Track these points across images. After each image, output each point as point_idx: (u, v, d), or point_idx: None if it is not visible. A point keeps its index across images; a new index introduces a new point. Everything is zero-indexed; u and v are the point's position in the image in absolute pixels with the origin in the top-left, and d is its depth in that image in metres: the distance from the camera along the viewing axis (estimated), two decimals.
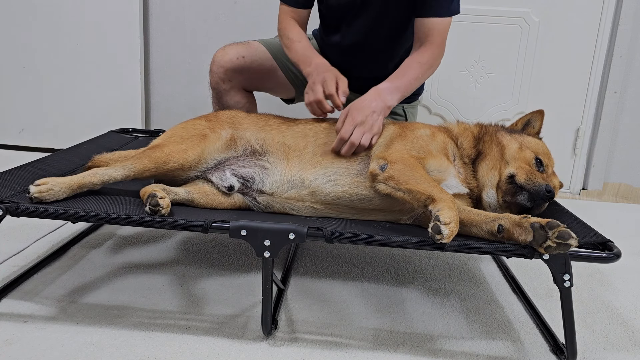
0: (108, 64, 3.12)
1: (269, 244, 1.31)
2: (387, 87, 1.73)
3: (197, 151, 1.58)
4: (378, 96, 1.69)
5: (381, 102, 1.68)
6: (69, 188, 1.43)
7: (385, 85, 1.74)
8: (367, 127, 1.60)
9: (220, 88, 2.11)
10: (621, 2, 2.85)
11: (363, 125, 1.60)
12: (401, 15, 1.94)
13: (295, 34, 1.92)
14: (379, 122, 1.64)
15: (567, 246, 1.21)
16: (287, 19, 1.98)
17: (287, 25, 1.95)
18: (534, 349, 1.46)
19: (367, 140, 1.59)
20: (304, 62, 1.83)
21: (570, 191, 3.16)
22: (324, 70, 1.76)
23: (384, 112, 1.68)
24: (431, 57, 1.84)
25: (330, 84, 1.69)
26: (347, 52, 2.10)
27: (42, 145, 3.25)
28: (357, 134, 1.59)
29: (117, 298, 1.57)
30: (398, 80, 1.77)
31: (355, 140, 1.58)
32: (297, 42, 1.89)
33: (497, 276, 1.91)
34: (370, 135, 1.60)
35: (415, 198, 1.36)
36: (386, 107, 1.69)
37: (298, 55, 1.87)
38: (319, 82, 1.71)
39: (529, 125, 1.71)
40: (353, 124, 1.60)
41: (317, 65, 1.78)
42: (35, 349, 1.31)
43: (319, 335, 1.45)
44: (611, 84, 2.95)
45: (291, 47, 1.90)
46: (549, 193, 1.47)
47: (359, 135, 1.58)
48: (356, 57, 2.10)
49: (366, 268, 1.90)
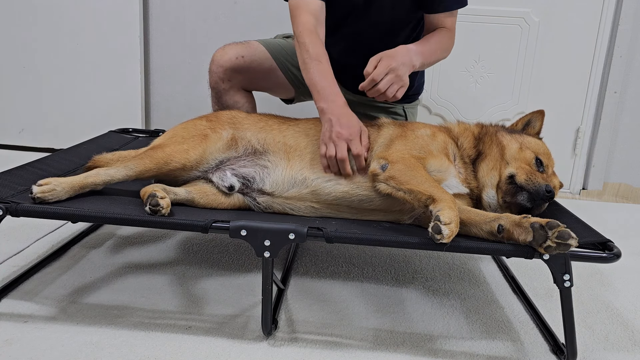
0: (108, 64, 3.12)
1: (269, 244, 1.31)
2: (414, 48, 1.75)
3: (199, 151, 1.58)
4: (407, 53, 1.71)
5: (409, 59, 1.70)
6: (72, 188, 1.43)
7: (413, 46, 1.76)
8: (397, 75, 1.62)
9: (219, 88, 2.11)
10: (621, 2, 2.85)
11: (394, 72, 1.62)
12: (404, 12, 1.95)
13: (316, 50, 1.68)
14: (406, 74, 1.67)
15: (567, 246, 1.21)
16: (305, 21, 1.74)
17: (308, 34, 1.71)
18: (534, 349, 1.46)
19: (393, 91, 1.62)
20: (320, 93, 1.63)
21: (570, 191, 3.16)
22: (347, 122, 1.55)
23: (410, 69, 1.70)
24: (448, 39, 1.90)
25: (357, 144, 1.53)
26: (349, 50, 2.10)
27: (42, 145, 3.25)
28: (386, 81, 1.62)
29: (117, 298, 1.57)
30: (422, 46, 1.80)
31: (383, 86, 1.61)
32: (317, 62, 1.66)
33: (497, 276, 1.91)
34: (397, 86, 1.63)
35: (416, 198, 1.36)
36: (412, 65, 1.71)
37: (314, 80, 1.66)
38: (344, 139, 1.52)
39: (529, 126, 1.71)
40: (387, 67, 1.62)
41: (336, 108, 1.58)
42: (35, 349, 1.31)
43: (319, 335, 1.45)
44: (611, 84, 2.95)
45: (309, 67, 1.67)
46: (549, 193, 1.47)
47: (387, 83, 1.62)
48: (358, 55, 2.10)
49: (366, 268, 1.90)
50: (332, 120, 1.57)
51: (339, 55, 2.10)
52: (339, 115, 1.57)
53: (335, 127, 1.55)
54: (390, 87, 1.63)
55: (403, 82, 1.66)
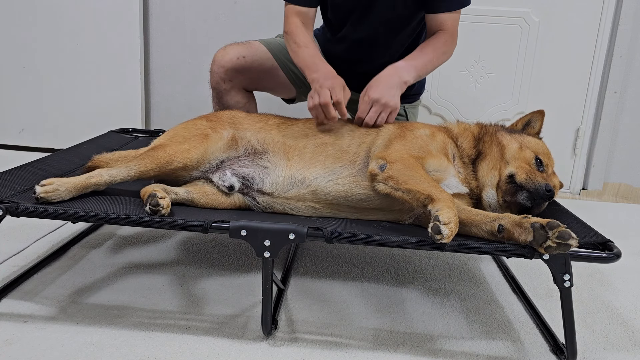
0: (108, 64, 3.12)
1: (269, 244, 1.31)
2: (404, 64, 1.77)
3: (200, 151, 1.58)
4: (395, 72, 1.73)
5: (397, 77, 1.72)
6: (74, 188, 1.43)
7: (402, 63, 1.78)
8: (382, 104, 1.65)
9: (220, 88, 2.11)
10: (621, 2, 2.85)
11: (378, 103, 1.65)
12: (407, 11, 1.95)
13: (302, 39, 1.88)
14: (395, 97, 1.68)
15: (567, 246, 1.21)
16: (294, 21, 1.93)
17: (295, 29, 1.91)
18: (534, 349, 1.46)
19: (383, 119, 1.65)
20: (310, 67, 1.80)
21: (570, 191, 3.16)
22: (332, 77, 1.74)
23: (401, 88, 1.71)
24: (444, 43, 1.89)
25: (338, 91, 1.67)
26: (352, 49, 2.10)
27: (42, 145, 3.25)
28: (373, 113, 1.65)
29: (117, 298, 1.57)
30: (414, 60, 1.81)
31: (370, 120, 1.65)
32: (305, 47, 1.86)
33: (497, 276, 1.91)
34: (385, 114, 1.66)
35: (414, 198, 1.36)
36: (402, 83, 1.73)
37: (305, 60, 1.84)
38: (327, 87, 1.68)
39: (529, 125, 1.71)
40: (370, 102, 1.66)
41: (324, 73, 1.76)
42: (35, 349, 1.31)
43: (319, 335, 1.45)
44: (611, 84, 2.95)
45: (298, 52, 1.87)
46: (549, 192, 1.47)
47: (374, 115, 1.65)
48: (362, 53, 2.10)
49: (366, 268, 1.90)
50: (319, 79, 1.72)
51: (343, 54, 2.12)
52: (325, 75, 1.73)
53: (320, 81, 1.71)
54: (379, 117, 1.67)
55: (391, 107, 1.68)
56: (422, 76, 1.84)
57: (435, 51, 1.86)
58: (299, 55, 1.86)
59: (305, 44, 1.86)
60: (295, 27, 1.91)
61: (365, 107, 1.67)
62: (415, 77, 1.79)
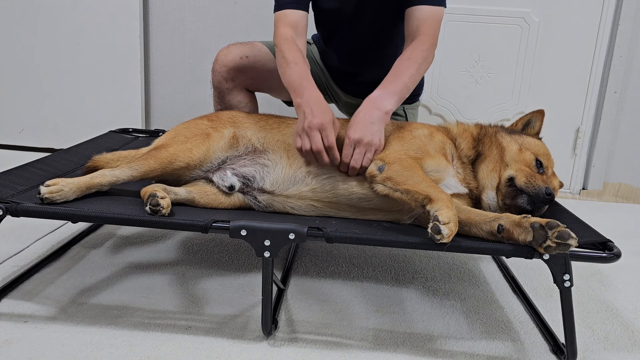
0: (108, 64, 3.12)
1: (269, 244, 1.31)
2: (380, 94, 1.64)
3: (202, 150, 1.58)
4: (372, 105, 1.60)
5: (377, 110, 1.59)
6: (79, 189, 1.43)
7: (378, 92, 1.64)
8: (365, 144, 1.53)
9: (222, 87, 2.12)
10: (621, 2, 2.85)
11: (361, 144, 1.53)
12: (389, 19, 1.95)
13: (292, 55, 1.73)
14: (378, 133, 1.56)
15: (566, 246, 1.21)
16: (284, 32, 1.81)
17: (284, 42, 1.78)
18: (534, 349, 1.46)
19: (368, 160, 1.53)
20: (296, 90, 1.66)
21: (570, 191, 3.16)
22: (319, 111, 1.57)
23: (383, 119, 1.59)
24: (423, 51, 1.74)
25: (329, 132, 1.54)
26: (346, 59, 2.11)
27: (42, 145, 3.25)
28: (357, 155, 1.53)
29: (117, 298, 1.57)
30: (392, 84, 1.67)
31: (355, 163, 1.52)
32: (294, 64, 1.71)
33: (497, 276, 1.91)
34: (371, 153, 1.54)
35: (413, 198, 1.36)
36: (384, 114, 1.60)
37: (291, 80, 1.70)
38: (316, 127, 1.54)
39: (529, 126, 1.70)
40: (352, 144, 1.54)
41: (309, 100, 1.60)
42: (35, 349, 1.31)
43: (319, 335, 1.45)
44: (611, 84, 2.95)
45: (285, 70, 1.72)
46: (549, 196, 1.46)
47: (359, 156, 1.53)
48: (356, 63, 2.11)
49: (366, 268, 1.90)
50: (305, 111, 1.58)
51: (337, 63, 2.13)
52: (312, 106, 1.58)
53: (308, 117, 1.55)
54: (364, 157, 1.54)
55: (375, 145, 1.55)
56: (406, 96, 1.70)
57: (413, 64, 1.71)
58: (286, 74, 1.72)
59: (295, 60, 1.72)
60: (285, 40, 1.78)
61: (349, 151, 1.54)
62: (397, 101, 1.65)
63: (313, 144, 1.53)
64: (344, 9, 1.97)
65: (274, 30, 1.86)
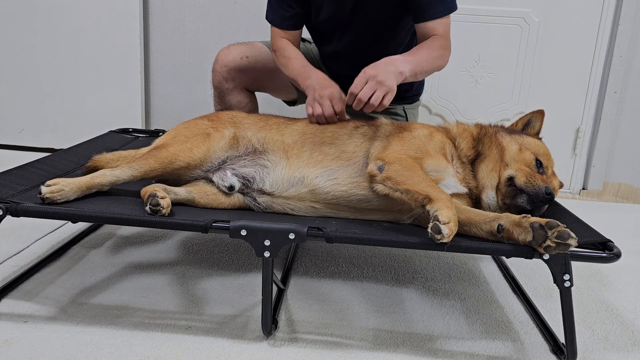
0: (108, 64, 3.12)
1: (269, 244, 1.31)
2: (399, 57, 1.73)
3: (203, 150, 1.58)
4: (391, 62, 1.68)
5: (393, 66, 1.66)
6: (79, 189, 1.43)
7: (398, 56, 1.74)
8: (378, 81, 1.57)
9: (223, 87, 2.12)
10: (621, 2, 2.85)
11: (374, 80, 1.58)
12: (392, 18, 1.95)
13: (292, 52, 1.89)
14: (393, 79, 1.62)
15: (566, 246, 1.21)
16: (280, 39, 1.96)
17: (282, 45, 1.93)
18: (534, 349, 1.46)
19: (378, 98, 1.56)
20: (303, 75, 1.79)
21: (570, 191, 3.16)
22: (327, 85, 1.71)
23: (396, 76, 1.65)
24: (440, 47, 1.84)
25: (337, 102, 1.66)
26: (345, 64, 2.12)
27: (42, 145, 3.25)
28: (367, 88, 1.58)
29: (117, 298, 1.57)
30: (409, 55, 1.77)
31: (364, 95, 1.56)
32: (294, 59, 1.86)
33: (497, 276, 1.91)
34: (381, 92, 1.56)
35: (412, 198, 1.36)
36: (398, 72, 1.66)
37: (296, 70, 1.83)
38: (326, 97, 1.66)
39: (529, 126, 1.70)
40: (365, 77, 1.60)
41: (317, 79, 1.73)
42: (35, 349, 1.31)
43: (319, 335, 1.45)
44: (611, 84, 2.95)
45: (287, 65, 1.87)
46: (549, 196, 1.46)
47: (369, 90, 1.57)
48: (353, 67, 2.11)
49: (366, 268, 1.90)
50: (315, 87, 1.71)
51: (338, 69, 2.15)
52: (320, 82, 1.72)
53: (318, 90, 1.69)
54: (374, 94, 1.57)
55: (387, 88, 1.59)
56: (417, 73, 1.77)
57: (430, 52, 1.81)
58: (289, 67, 1.86)
59: (295, 56, 1.88)
60: (283, 43, 1.93)
61: (360, 82, 1.59)
62: (411, 71, 1.71)
63: (325, 110, 1.64)
64: (340, 15, 1.97)
65: (271, 39, 2.01)
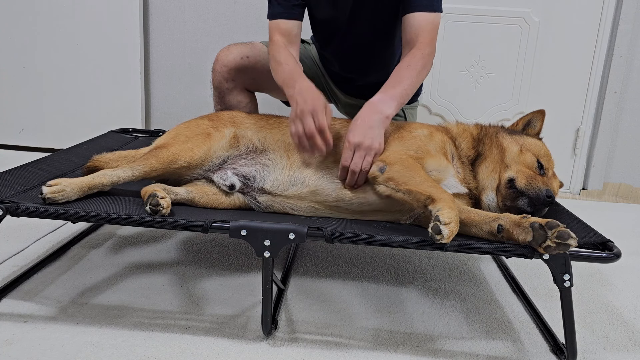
0: (108, 64, 3.13)
1: (269, 244, 1.31)
2: (381, 98, 1.62)
3: (203, 149, 1.58)
4: (373, 109, 1.59)
5: (377, 114, 1.57)
6: (80, 189, 1.43)
7: (379, 96, 1.63)
8: (365, 147, 1.51)
9: (223, 87, 2.12)
10: (621, 2, 2.85)
11: (361, 148, 1.51)
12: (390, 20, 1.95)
13: (283, 57, 1.78)
14: (378, 137, 1.54)
15: (566, 246, 1.21)
16: (276, 40, 1.86)
17: (275, 48, 1.84)
18: (534, 349, 1.46)
19: (368, 164, 1.51)
20: (288, 83, 1.69)
21: (570, 191, 3.16)
22: (311, 97, 1.58)
23: (383, 124, 1.57)
24: (422, 58, 1.73)
25: (320, 115, 1.54)
26: (345, 64, 2.11)
27: (42, 145, 3.26)
28: (357, 159, 1.51)
29: (117, 298, 1.57)
30: (392, 89, 1.66)
31: (355, 167, 1.50)
32: (284, 64, 1.75)
33: (497, 276, 1.91)
34: (370, 157, 1.51)
35: (415, 199, 1.36)
36: (384, 118, 1.58)
37: (283, 77, 1.73)
38: (308, 112, 1.55)
39: (529, 126, 1.70)
40: (352, 148, 1.52)
41: (301, 89, 1.62)
42: (35, 349, 1.31)
43: (319, 335, 1.45)
44: (611, 84, 2.95)
45: (277, 70, 1.78)
46: (550, 198, 1.46)
47: (359, 160, 1.51)
48: (355, 68, 2.11)
49: (366, 268, 1.90)
50: (297, 99, 1.59)
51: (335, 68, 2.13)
52: (303, 93, 1.60)
53: (300, 104, 1.57)
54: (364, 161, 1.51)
55: (375, 149, 1.52)
56: (405, 102, 1.69)
57: (413, 70, 1.70)
58: (278, 73, 1.77)
59: (285, 61, 1.77)
60: (276, 46, 1.84)
61: (348, 155, 1.52)
62: (397, 106, 1.62)
63: (305, 127, 1.53)
64: (339, 17, 1.97)
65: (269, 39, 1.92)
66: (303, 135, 1.54)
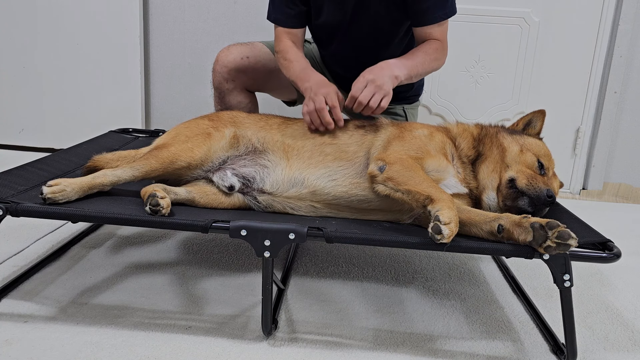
0: (108, 64, 3.12)
1: (269, 244, 1.31)
2: (395, 61, 1.76)
3: (203, 149, 1.58)
4: (387, 66, 1.73)
5: (389, 70, 1.71)
6: (81, 189, 1.43)
7: (393, 60, 1.77)
8: (377, 85, 1.64)
9: (223, 88, 2.12)
10: (621, 2, 2.85)
11: (373, 83, 1.65)
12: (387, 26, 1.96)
13: (293, 55, 1.90)
14: (389, 83, 1.68)
15: (566, 246, 1.21)
16: (284, 40, 1.96)
17: (285, 47, 1.93)
18: (534, 349, 1.46)
19: (376, 101, 1.64)
20: (302, 78, 1.81)
21: (570, 191, 3.16)
22: (324, 85, 1.73)
23: (392, 80, 1.70)
24: (436, 50, 1.87)
25: (332, 97, 1.68)
26: (345, 65, 2.12)
27: (42, 145, 3.25)
28: (367, 92, 1.64)
29: (117, 298, 1.57)
30: (405, 60, 1.80)
31: (364, 99, 1.64)
32: (295, 62, 1.88)
33: (497, 276, 1.91)
34: (379, 96, 1.65)
35: (414, 199, 1.36)
36: (394, 76, 1.71)
37: (296, 73, 1.85)
38: (321, 94, 1.68)
39: (529, 126, 1.70)
40: (364, 81, 1.66)
41: (316, 81, 1.75)
42: (35, 349, 1.31)
43: (319, 335, 1.45)
44: (611, 84, 2.95)
45: (289, 67, 1.88)
46: (550, 198, 1.46)
47: (368, 93, 1.64)
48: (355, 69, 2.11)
49: (366, 268, 1.90)
50: (312, 88, 1.72)
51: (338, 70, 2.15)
52: (318, 83, 1.74)
53: (314, 89, 1.71)
54: (373, 97, 1.66)
55: (384, 91, 1.67)
56: (413, 76, 1.81)
57: (426, 55, 1.84)
58: (290, 70, 1.88)
59: (296, 59, 1.89)
60: (285, 46, 1.94)
61: (360, 86, 1.67)
62: (406, 75, 1.77)
63: (316, 104, 1.64)
64: (340, 20, 1.97)
65: (274, 40, 2.01)
66: (314, 110, 1.65)
